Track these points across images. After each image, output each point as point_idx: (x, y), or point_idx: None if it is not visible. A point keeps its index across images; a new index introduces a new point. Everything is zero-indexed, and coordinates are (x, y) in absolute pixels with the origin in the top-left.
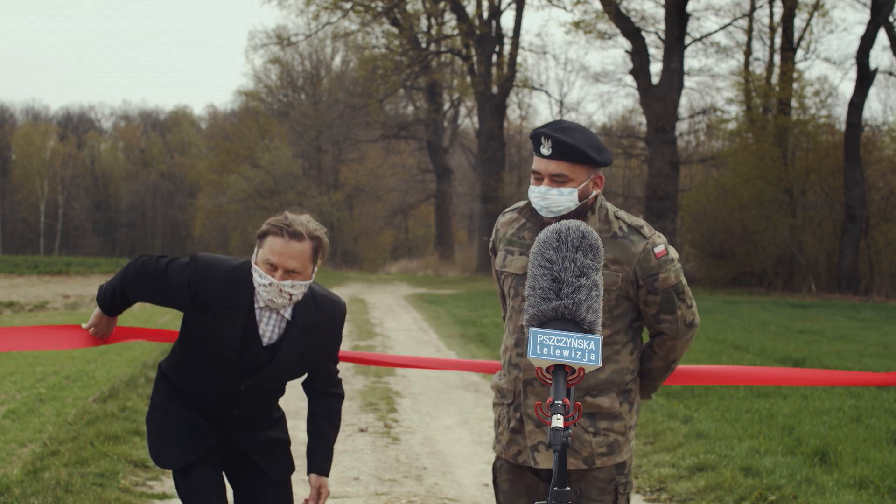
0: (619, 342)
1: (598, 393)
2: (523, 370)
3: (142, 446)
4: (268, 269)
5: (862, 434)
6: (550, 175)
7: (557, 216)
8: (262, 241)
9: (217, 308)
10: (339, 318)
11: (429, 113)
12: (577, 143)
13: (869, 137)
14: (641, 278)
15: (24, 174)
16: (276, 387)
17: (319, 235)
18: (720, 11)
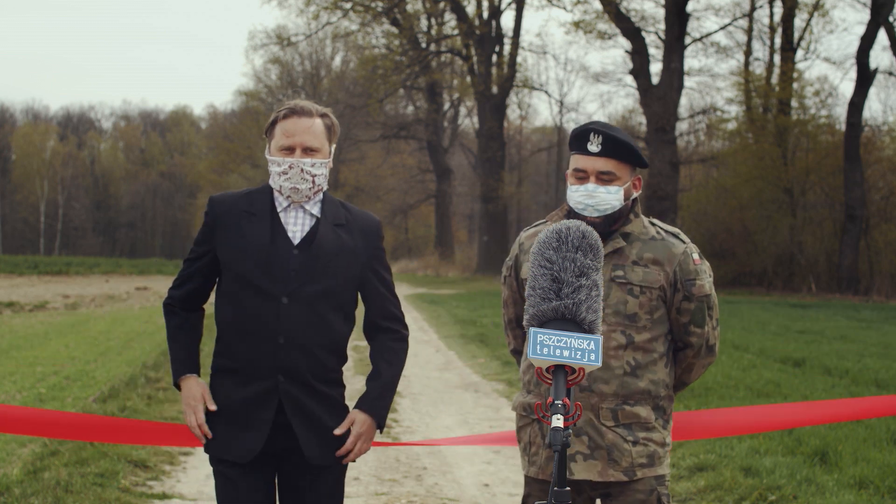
0: (656, 351)
1: (635, 402)
2: None
3: (142, 446)
4: (284, 154)
5: (862, 434)
6: (598, 173)
7: (602, 216)
8: (271, 132)
9: (240, 220)
10: (375, 227)
11: (429, 113)
12: (628, 140)
13: (869, 137)
14: (680, 281)
15: (24, 174)
16: (322, 299)
17: (328, 113)
18: (720, 11)
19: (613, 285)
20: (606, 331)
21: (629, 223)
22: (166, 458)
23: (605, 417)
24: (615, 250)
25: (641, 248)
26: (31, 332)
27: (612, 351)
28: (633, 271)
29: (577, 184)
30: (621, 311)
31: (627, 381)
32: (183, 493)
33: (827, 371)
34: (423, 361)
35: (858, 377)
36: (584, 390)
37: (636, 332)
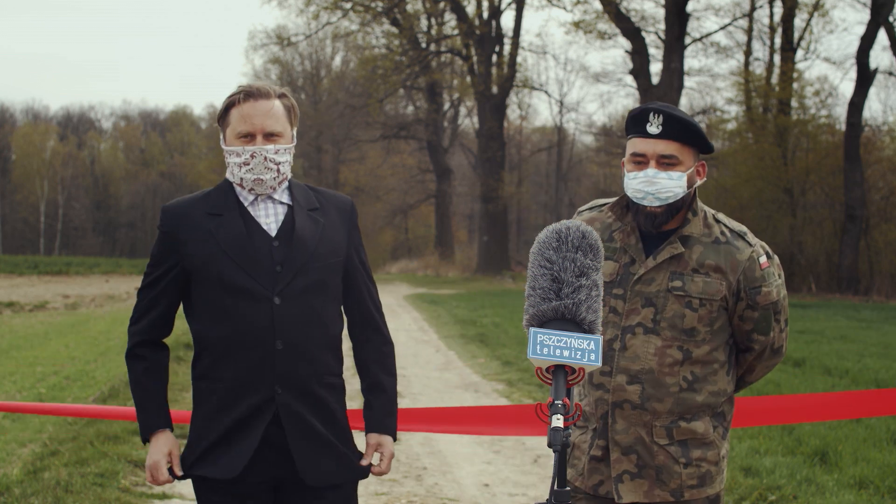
0: (717, 361)
1: (692, 417)
2: (612, 391)
3: (142, 446)
4: (243, 141)
5: (862, 434)
6: (659, 157)
7: (664, 205)
8: (225, 119)
9: (204, 223)
10: (350, 207)
11: (429, 113)
12: (692, 121)
13: (869, 137)
14: (744, 290)
15: (24, 174)
16: (315, 293)
17: (286, 93)
18: (720, 11)
19: (670, 297)
20: (661, 346)
21: (688, 224)
22: None
23: (658, 435)
24: (673, 256)
25: (703, 254)
26: (31, 332)
27: (668, 367)
28: (692, 281)
29: (636, 170)
30: (678, 325)
31: (684, 398)
32: (183, 493)
33: (827, 371)
34: (423, 361)
35: (858, 377)
36: (636, 408)
37: (694, 346)
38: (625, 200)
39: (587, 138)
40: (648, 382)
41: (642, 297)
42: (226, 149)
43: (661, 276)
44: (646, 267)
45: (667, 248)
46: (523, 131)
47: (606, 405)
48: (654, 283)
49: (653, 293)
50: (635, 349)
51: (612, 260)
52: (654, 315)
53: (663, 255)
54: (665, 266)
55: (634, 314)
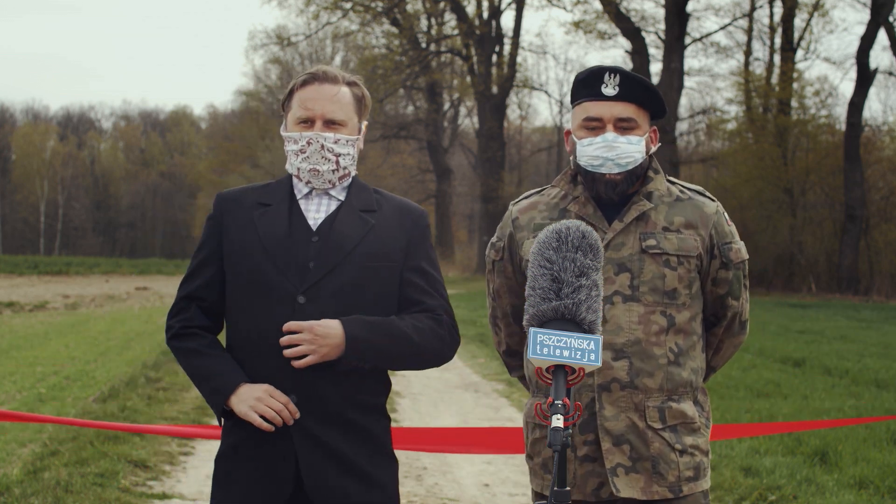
0: (696, 332)
1: (679, 398)
2: (597, 372)
3: (142, 446)
4: (302, 127)
5: (862, 434)
6: (616, 120)
7: (625, 171)
8: (288, 104)
9: (251, 213)
10: (416, 215)
11: (429, 113)
12: (649, 82)
13: (869, 137)
14: (717, 245)
15: (24, 174)
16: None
17: (357, 82)
18: (720, 11)
19: (646, 258)
20: (644, 313)
21: (651, 181)
22: (166, 458)
23: (652, 418)
24: (640, 215)
25: (669, 212)
26: (31, 332)
27: (654, 336)
28: (666, 239)
29: (590, 135)
30: (659, 287)
31: (672, 372)
32: (183, 493)
33: (827, 371)
34: None
35: (858, 377)
36: (625, 388)
37: (676, 311)
38: (571, 173)
39: None
40: (636, 355)
41: (614, 263)
42: (285, 135)
43: (630, 238)
44: (613, 231)
45: (633, 207)
46: (523, 131)
47: (591, 391)
48: (626, 247)
49: (625, 257)
50: (616, 320)
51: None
52: (632, 280)
53: (630, 215)
54: (633, 228)
55: (609, 283)
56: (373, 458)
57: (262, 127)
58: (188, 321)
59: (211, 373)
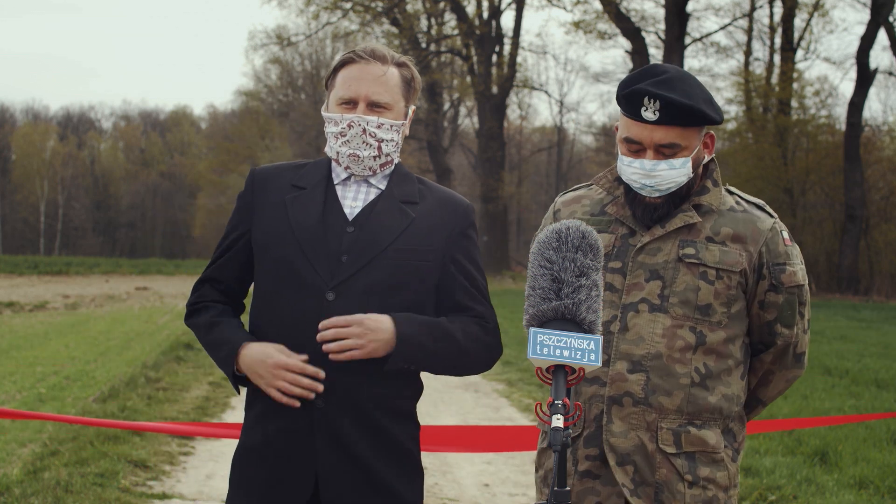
0: (732, 356)
1: (702, 424)
2: (610, 383)
3: (142, 446)
4: (344, 109)
5: (862, 434)
6: (657, 146)
7: (664, 195)
8: (332, 81)
9: (285, 195)
10: (461, 209)
11: (429, 113)
12: (694, 103)
13: (869, 137)
14: (767, 265)
15: (24, 174)
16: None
17: (408, 63)
18: (720, 11)
19: (681, 266)
20: (671, 325)
21: (706, 192)
22: (166, 458)
23: (664, 441)
24: (685, 225)
25: (717, 222)
26: (31, 332)
27: (678, 353)
28: (707, 249)
29: (631, 157)
30: (691, 300)
31: (695, 395)
32: (183, 493)
33: (827, 371)
34: None
35: (858, 377)
36: (638, 403)
37: (709, 329)
38: (613, 174)
39: (587, 138)
40: (655, 371)
41: (646, 269)
42: (324, 115)
43: (668, 245)
44: (651, 235)
45: (679, 216)
46: (523, 131)
47: (602, 402)
48: (661, 252)
49: (659, 264)
50: (638, 329)
51: (607, 232)
52: (662, 289)
53: (675, 223)
54: (674, 235)
55: (636, 289)
56: (400, 471)
57: (262, 127)
58: (200, 297)
59: (218, 342)
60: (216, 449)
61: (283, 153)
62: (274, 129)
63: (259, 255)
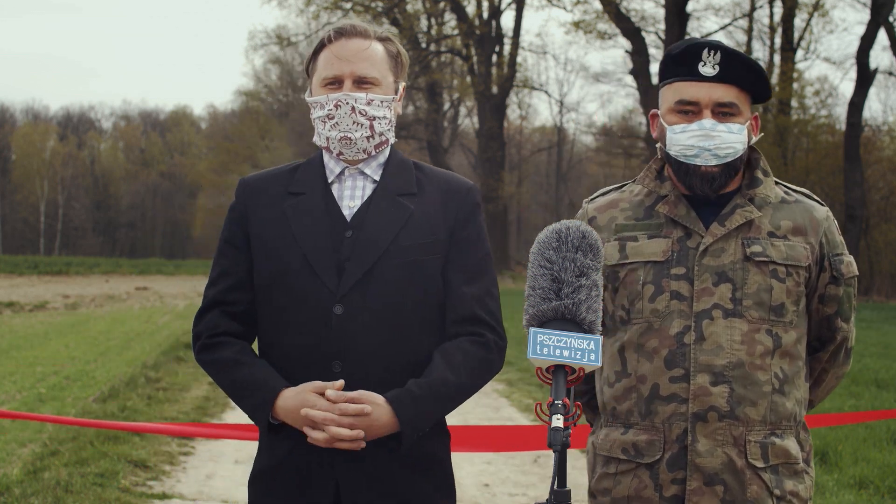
0: (801, 357)
1: (783, 433)
2: (692, 399)
3: (142, 446)
4: (329, 89)
5: (862, 434)
6: (715, 105)
7: (721, 164)
8: (313, 64)
9: (281, 204)
10: (463, 191)
11: (429, 113)
12: (754, 61)
13: (869, 137)
14: (828, 256)
15: (24, 174)
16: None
17: (390, 37)
18: (720, 11)
19: (750, 266)
20: (748, 330)
21: (758, 184)
22: (166, 458)
23: (753, 455)
24: (745, 222)
25: (774, 216)
26: (31, 332)
27: (759, 359)
28: (772, 246)
29: (683, 121)
30: (765, 300)
31: (776, 402)
32: (183, 493)
33: None
34: None
35: (858, 377)
36: (724, 418)
37: (783, 330)
38: (657, 167)
39: (587, 138)
40: (738, 380)
41: (712, 272)
42: (309, 100)
43: (731, 244)
44: (713, 236)
45: (738, 213)
46: (523, 131)
47: (684, 420)
48: (726, 253)
49: (727, 265)
50: (716, 338)
51: (660, 237)
52: (734, 292)
53: (735, 221)
54: (734, 234)
55: (707, 295)
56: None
57: (262, 127)
58: (214, 328)
59: (247, 386)
60: (216, 449)
61: (283, 153)
62: (274, 129)
63: (259, 269)
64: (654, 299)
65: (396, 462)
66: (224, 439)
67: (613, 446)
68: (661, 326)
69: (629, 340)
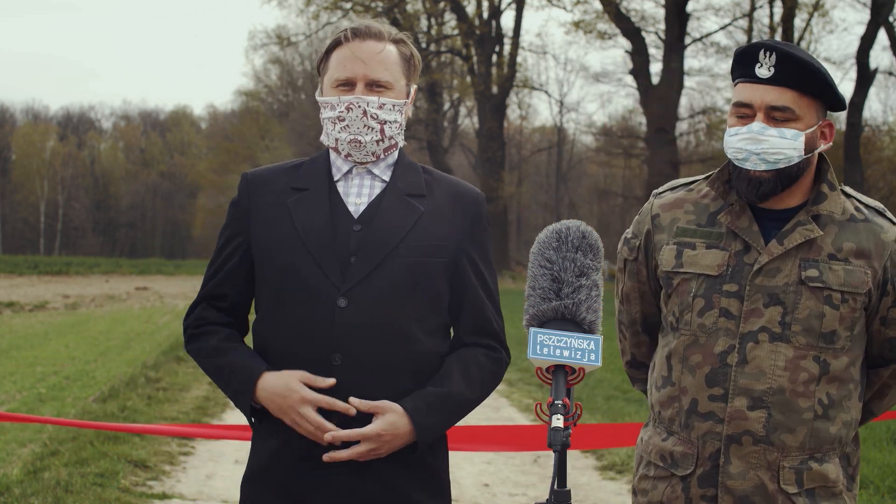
0: (853, 380)
1: (823, 457)
2: (728, 421)
3: (142, 446)
4: (341, 91)
5: (862, 434)
6: (768, 108)
7: (772, 170)
8: (325, 64)
9: (285, 200)
10: (471, 199)
11: (429, 113)
12: (815, 63)
13: (869, 137)
14: (892, 281)
15: (24, 174)
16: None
17: (405, 39)
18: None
19: (804, 290)
20: (794, 357)
21: (823, 200)
22: (166, 458)
23: (786, 481)
24: (805, 241)
25: (839, 235)
26: (31, 332)
27: (802, 386)
28: (830, 270)
29: (738, 124)
30: (815, 327)
31: (818, 428)
32: (183, 493)
33: None
34: None
35: None
36: (759, 442)
37: (833, 356)
38: (727, 173)
39: (587, 138)
40: (777, 407)
41: (765, 293)
42: (320, 100)
43: (788, 265)
44: (769, 254)
45: (798, 231)
46: (523, 131)
47: (719, 440)
48: (781, 274)
49: (780, 287)
50: (759, 363)
51: (718, 248)
52: (783, 316)
53: (794, 240)
54: (793, 253)
55: (756, 316)
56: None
57: (262, 127)
58: (201, 320)
59: (230, 371)
60: (216, 449)
61: (283, 153)
62: (274, 129)
63: (262, 264)
64: (702, 314)
65: (390, 464)
66: (224, 439)
67: (653, 452)
68: (706, 342)
69: (675, 349)
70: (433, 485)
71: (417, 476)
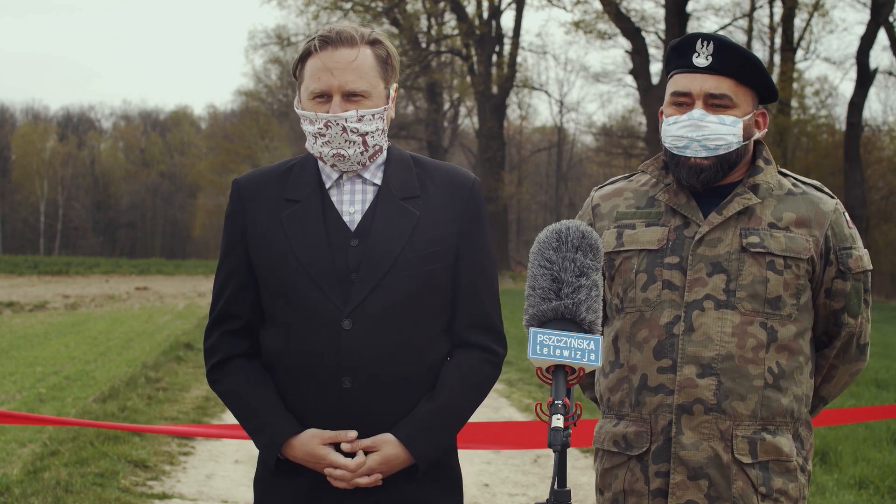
0: (802, 352)
1: (776, 429)
2: (678, 390)
3: (142, 446)
4: (317, 103)
5: (862, 434)
6: (707, 96)
7: (713, 156)
8: (300, 72)
9: (279, 212)
10: (466, 186)
11: (429, 113)
12: (750, 53)
13: (869, 137)
14: (834, 250)
15: (24, 174)
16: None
17: (379, 38)
18: (720, 11)
19: (746, 257)
20: (740, 323)
21: (759, 171)
22: (166, 458)
23: (740, 451)
24: (744, 210)
25: (778, 207)
26: (31, 332)
27: (751, 352)
28: (771, 237)
29: (676, 112)
30: (759, 293)
31: (769, 397)
32: (183, 493)
33: None
34: None
35: (858, 377)
36: (710, 411)
37: (780, 323)
38: (662, 160)
39: (587, 138)
40: (726, 373)
41: (707, 262)
42: (299, 112)
43: (728, 234)
44: (709, 224)
45: (736, 200)
46: (523, 131)
47: (670, 412)
48: (723, 243)
49: (722, 256)
50: (706, 329)
51: (658, 225)
52: (727, 283)
53: (733, 208)
54: (732, 222)
55: (700, 285)
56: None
57: (262, 127)
58: (223, 353)
59: (254, 427)
60: (216, 449)
61: (283, 153)
62: (274, 129)
63: (263, 277)
64: (646, 288)
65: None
66: (224, 439)
67: (606, 439)
68: (651, 316)
69: (622, 330)
70: (445, 483)
71: (429, 475)
